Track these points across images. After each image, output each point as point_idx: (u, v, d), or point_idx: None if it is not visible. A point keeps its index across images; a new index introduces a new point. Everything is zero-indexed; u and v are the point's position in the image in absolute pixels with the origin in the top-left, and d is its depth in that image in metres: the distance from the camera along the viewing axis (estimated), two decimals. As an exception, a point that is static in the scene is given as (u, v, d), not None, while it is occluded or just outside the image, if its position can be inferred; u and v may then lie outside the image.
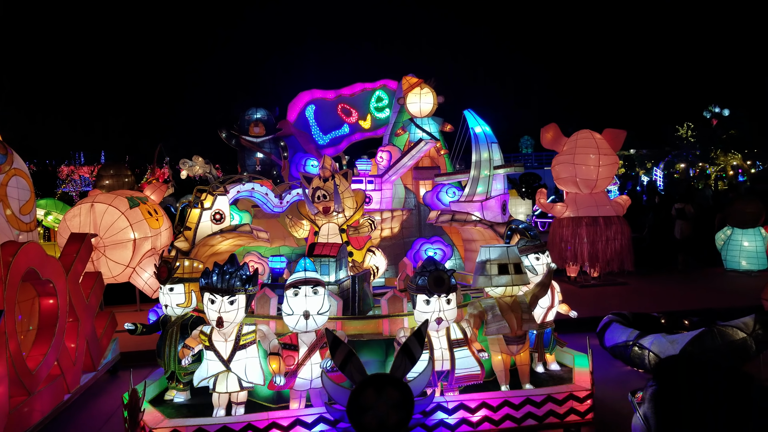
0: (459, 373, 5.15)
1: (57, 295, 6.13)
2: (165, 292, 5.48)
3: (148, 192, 11.23)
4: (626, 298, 11.15)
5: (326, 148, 11.29)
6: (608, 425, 5.79)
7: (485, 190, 8.41)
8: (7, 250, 5.29)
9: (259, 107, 10.53)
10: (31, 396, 5.45)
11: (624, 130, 12.46)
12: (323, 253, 6.28)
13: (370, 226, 7.13)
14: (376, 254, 7.25)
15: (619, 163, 12.87)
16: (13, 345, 5.20)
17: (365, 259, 7.26)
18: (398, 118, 10.45)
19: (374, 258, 7.24)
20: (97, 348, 7.14)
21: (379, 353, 5.55)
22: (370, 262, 7.16)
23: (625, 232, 12.01)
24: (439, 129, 10.14)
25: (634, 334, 7.54)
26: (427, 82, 9.99)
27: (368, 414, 4.56)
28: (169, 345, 5.49)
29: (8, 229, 6.51)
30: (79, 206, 9.67)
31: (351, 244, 7.04)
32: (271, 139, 10.52)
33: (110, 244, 9.37)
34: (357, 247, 7.10)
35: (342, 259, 6.42)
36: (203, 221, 7.70)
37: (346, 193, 6.96)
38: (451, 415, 4.96)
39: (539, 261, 5.95)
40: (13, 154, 7.07)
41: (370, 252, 7.23)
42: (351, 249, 7.04)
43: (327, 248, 6.35)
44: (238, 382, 4.93)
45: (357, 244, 7.10)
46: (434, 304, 5.06)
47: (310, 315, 4.91)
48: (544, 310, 5.96)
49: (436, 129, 10.10)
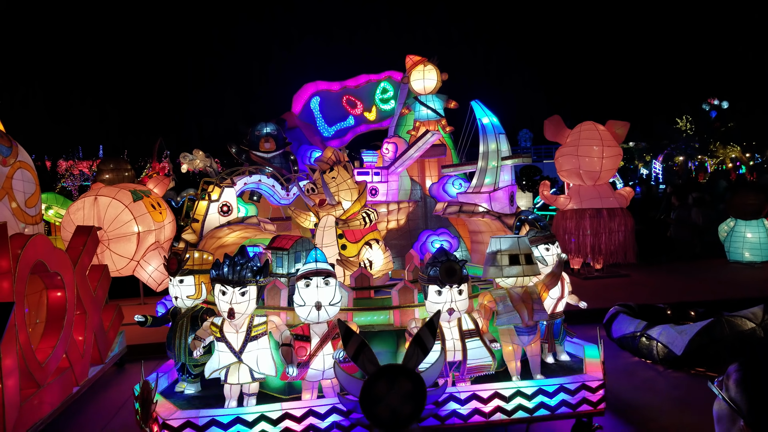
0: (471, 363, 5.14)
1: (65, 287, 6.11)
2: (175, 284, 5.45)
3: (151, 185, 11.22)
4: (630, 290, 11.17)
5: (331, 140, 11.24)
6: (619, 416, 5.81)
7: (493, 181, 8.39)
8: (15, 242, 5.26)
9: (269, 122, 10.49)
10: (40, 388, 5.44)
11: (627, 121, 12.45)
12: (278, 246, 6.35)
13: (364, 219, 6.91)
14: (373, 248, 6.97)
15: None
16: (23, 337, 5.18)
17: (360, 253, 7.00)
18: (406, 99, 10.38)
19: (369, 252, 6.97)
20: (105, 341, 7.13)
21: (390, 344, 5.53)
22: (364, 255, 6.90)
23: (628, 224, 12.01)
24: (443, 106, 10.07)
25: (642, 325, 7.56)
26: (430, 59, 9.92)
27: (381, 405, 4.55)
28: (180, 337, 5.47)
29: (14, 222, 6.47)
30: (82, 200, 9.65)
31: (345, 237, 6.90)
32: (280, 153, 10.50)
33: (114, 238, 9.36)
34: (352, 240, 6.88)
35: (299, 252, 6.39)
36: (211, 213, 7.66)
37: (343, 186, 6.86)
38: (464, 406, 4.95)
39: (549, 251, 5.94)
40: (18, 146, 7.02)
41: (367, 245, 7.00)
42: (344, 242, 6.89)
43: (283, 240, 6.42)
44: (250, 373, 4.91)
45: (352, 237, 6.90)
46: (446, 295, 5.04)
47: (322, 306, 4.89)
48: (554, 300, 5.95)
49: (440, 106, 10.04)
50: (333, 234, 6.87)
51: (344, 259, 6.74)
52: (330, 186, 6.83)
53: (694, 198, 15.15)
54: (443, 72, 9.90)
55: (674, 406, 6.05)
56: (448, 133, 10.06)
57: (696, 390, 6.43)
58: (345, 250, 6.83)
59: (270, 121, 10.48)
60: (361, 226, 6.84)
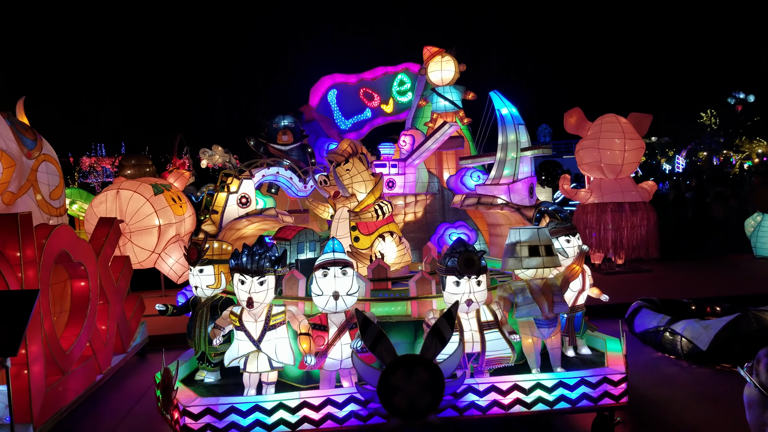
0: (489, 355, 5.10)
1: (88, 277, 6.20)
2: (195, 274, 5.51)
3: (172, 179, 11.33)
4: (652, 285, 11.03)
5: (348, 133, 11.26)
6: (642, 410, 5.73)
7: (512, 173, 8.32)
8: (40, 232, 5.35)
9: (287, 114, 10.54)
10: (65, 375, 5.53)
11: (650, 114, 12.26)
12: (281, 236, 6.44)
13: (376, 212, 6.85)
14: (386, 240, 6.93)
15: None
16: (48, 325, 5.27)
17: (373, 245, 6.96)
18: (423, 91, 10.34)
19: (382, 244, 6.92)
20: (127, 330, 7.23)
21: (408, 335, 5.52)
22: (377, 248, 6.88)
23: (651, 219, 11.83)
24: (461, 97, 10.01)
25: (665, 319, 7.44)
26: (448, 50, 9.85)
27: (399, 395, 4.55)
28: (200, 326, 5.52)
29: (39, 213, 6.59)
30: (105, 193, 9.78)
31: (358, 229, 6.89)
32: (298, 146, 10.54)
33: (136, 230, 9.47)
34: (365, 232, 6.86)
35: (302, 243, 6.43)
36: (230, 205, 7.72)
37: (357, 178, 6.84)
38: (483, 397, 4.92)
39: (570, 243, 5.87)
40: (42, 140, 7.14)
41: (380, 238, 6.95)
42: (357, 234, 6.88)
43: (286, 231, 6.49)
44: (269, 362, 4.94)
45: (365, 229, 6.87)
46: (464, 286, 5.02)
47: (340, 295, 4.90)
48: (575, 293, 5.89)
49: (458, 97, 9.97)
50: (347, 226, 6.87)
51: (356, 251, 6.74)
52: (344, 178, 6.82)
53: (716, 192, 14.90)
54: (461, 63, 9.83)
55: (699, 402, 5.95)
56: (466, 125, 10.00)
57: (721, 386, 6.31)
58: (358, 243, 6.82)
59: (287, 113, 10.52)
60: (374, 218, 6.81)
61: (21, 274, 4.99)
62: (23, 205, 6.26)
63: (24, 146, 6.57)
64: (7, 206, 6.00)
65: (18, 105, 7.71)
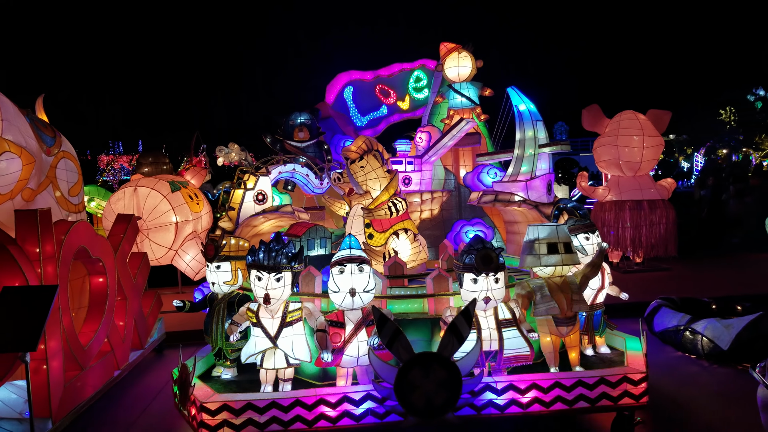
0: (508, 353, 5.05)
1: (106, 273, 6.24)
2: (212, 270, 5.52)
3: (188, 177, 11.38)
4: (671, 283, 10.88)
5: (364, 130, 11.24)
6: (663, 410, 5.64)
7: (530, 170, 8.25)
8: (59, 228, 5.39)
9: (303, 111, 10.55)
10: (83, 371, 5.57)
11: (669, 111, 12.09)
12: (291, 233, 6.47)
13: (390, 209, 6.80)
14: (400, 238, 6.88)
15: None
16: (67, 321, 5.31)
17: (387, 243, 6.94)
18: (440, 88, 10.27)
19: (396, 241, 6.88)
20: (144, 326, 7.27)
21: (425, 333, 5.49)
22: (391, 245, 6.84)
23: (670, 216, 11.68)
24: (478, 93, 9.93)
25: (686, 318, 7.33)
26: (465, 46, 9.78)
27: (416, 392, 4.52)
28: (217, 322, 5.53)
29: (58, 210, 6.64)
30: (123, 190, 9.86)
31: (372, 227, 6.86)
32: (314, 143, 10.54)
33: (153, 227, 9.52)
34: (379, 229, 6.84)
35: (312, 240, 6.41)
36: (246, 202, 7.74)
37: (371, 175, 6.81)
38: (500, 396, 4.87)
39: (589, 241, 5.80)
40: (61, 137, 7.20)
41: (394, 235, 6.91)
42: (371, 231, 6.85)
43: (296, 228, 6.53)
44: (285, 358, 4.94)
45: (379, 226, 6.84)
46: (482, 283, 4.97)
47: (357, 292, 4.88)
48: (594, 291, 5.81)
49: (475, 94, 9.90)
50: (361, 223, 6.85)
51: (369, 248, 6.71)
52: (358, 175, 6.79)
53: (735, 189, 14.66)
54: (478, 59, 9.76)
55: (720, 402, 5.84)
56: (483, 122, 9.92)
57: (743, 386, 6.18)
58: (372, 240, 6.79)
59: (304, 110, 10.53)
60: (387, 216, 6.76)
61: (40, 269, 5.03)
62: (42, 202, 6.31)
63: (43, 143, 6.63)
64: (27, 202, 6.05)
65: (37, 102, 7.78)
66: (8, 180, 5.61)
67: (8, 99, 6.06)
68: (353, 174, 6.79)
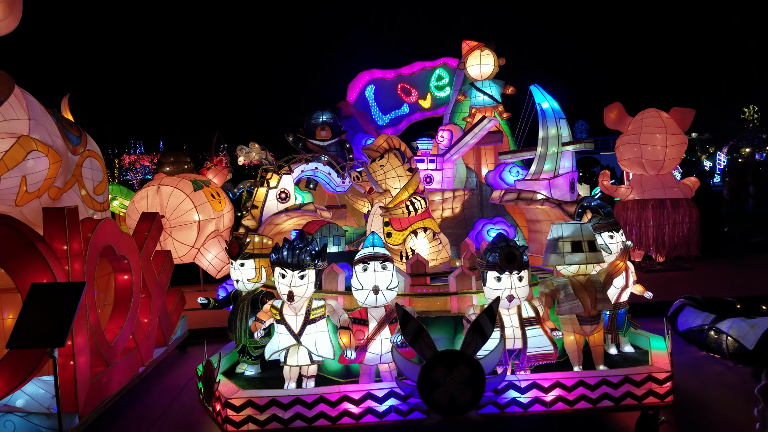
0: (531, 352, 5.03)
1: (131, 270, 6.32)
2: (236, 267, 5.56)
3: (210, 175, 11.49)
4: (694, 283, 10.75)
5: (386, 129, 11.24)
6: (687, 410, 5.57)
7: (553, 168, 8.19)
8: (86, 226, 5.47)
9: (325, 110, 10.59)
10: (109, 367, 5.64)
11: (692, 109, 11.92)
12: (304, 231, 6.58)
13: (407, 208, 6.78)
14: (418, 237, 6.85)
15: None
16: (93, 317, 5.38)
17: (405, 241, 6.92)
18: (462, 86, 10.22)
19: (413, 240, 6.84)
20: (168, 323, 7.35)
21: (448, 331, 5.48)
22: (408, 244, 6.83)
23: (693, 216, 11.52)
24: (500, 92, 9.87)
25: (710, 318, 7.24)
26: (487, 44, 9.72)
27: (439, 390, 4.51)
28: (241, 319, 5.58)
29: (84, 208, 6.74)
30: (146, 189, 9.97)
31: (391, 225, 6.86)
32: (336, 141, 10.58)
33: (176, 226, 9.62)
34: (398, 228, 6.84)
35: (324, 237, 6.45)
36: (269, 200, 7.79)
37: (391, 173, 6.80)
38: (524, 394, 4.85)
39: (613, 239, 5.74)
40: (87, 136, 7.31)
41: (413, 234, 6.89)
42: (390, 230, 6.86)
43: (310, 225, 6.68)
44: (309, 355, 4.96)
45: (398, 225, 6.84)
46: (505, 281, 4.95)
47: (380, 290, 4.88)
48: (618, 290, 5.76)
49: (497, 92, 9.84)
50: (381, 221, 6.86)
51: (387, 247, 6.69)
52: (377, 174, 6.79)
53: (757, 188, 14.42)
54: (500, 57, 9.70)
55: (745, 402, 5.73)
56: (506, 120, 9.86)
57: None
58: (390, 238, 6.78)
59: (326, 109, 10.56)
60: (404, 214, 6.75)
61: (68, 266, 5.10)
62: (68, 200, 6.42)
63: (69, 142, 6.74)
64: (53, 201, 6.15)
65: (63, 102, 7.91)
66: (36, 178, 5.71)
67: (35, 98, 6.16)
68: (372, 173, 6.80)
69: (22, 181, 5.53)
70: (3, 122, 5.53)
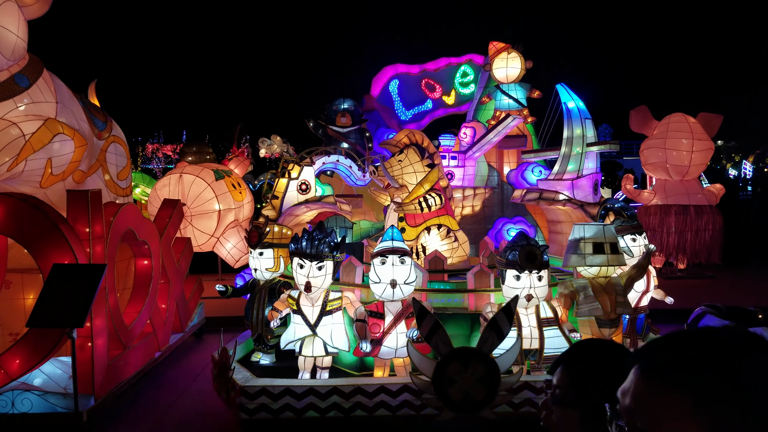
0: (548, 352, 4.97)
1: (151, 256, 6.37)
2: (255, 257, 5.58)
3: (232, 166, 11.55)
4: (715, 291, 10.57)
5: (409, 124, 11.19)
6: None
7: (576, 168, 8.09)
8: (108, 209, 5.52)
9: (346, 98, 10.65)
10: (126, 350, 5.70)
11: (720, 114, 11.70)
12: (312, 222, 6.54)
13: (419, 204, 6.74)
14: (431, 233, 6.77)
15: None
16: (112, 300, 5.43)
17: (419, 238, 6.85)
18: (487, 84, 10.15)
19: (425, 237, 6.77)
20: (186, 310, 7.40)
21: (464, 328, 5.44)
22: (420, 240, 6.76)
23: (716, 223, 11.32)
24: (526, 95, 9.76)
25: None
26: (514, 47, 9.62)
27: (453, 387, 4.48)
28: (257, 308, 5.59)
29: (107, 193, 6.80)
30: (168, 177, 10.05)
31: (405, 221, 6.82)
32: (356, 129, 10.62)
33: (197, 214, 9.68)
34: (412, 224, 6.80)
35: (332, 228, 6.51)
36: (290, 191, 7.81)
37: (408, 169, 6.76)
38: (539, 395, 4.80)
39: (636, 242, 5.66)
40: (112, 121, 7.37)
41: (426, 231, 6.83)
42: (404, 225, 6.82)
43: (318, 217, 6.78)
44: (324, 347, 4.96)
45: (413, 221, 6.80)
46: (524, 280, 4.90)
47: (397, 284, 4.86)
48: (638, 294, 5.67)
49: (523, 95, 9.74)
50: (396, 216, 6.83)
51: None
52: (394, 169, 6.76)
53: None
54: (527, 60, 9.59)
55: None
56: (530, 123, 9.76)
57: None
58: (404, 234, 6.72)
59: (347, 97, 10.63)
60: (417, 210, 6.70)
61: (89, 248, 5.16)
62: (92, 184, 6.47)
63: (95, 127, 6.79)
64: (77, 184, 6.21)
65: (90, 87, 7.98)
66: (61, 161, 5.77)
67: (63, 82, 6.22)
68: (390, 168, 6.77)
69: (47, 164, 5.58)
70: (31, 105, 5.59)
